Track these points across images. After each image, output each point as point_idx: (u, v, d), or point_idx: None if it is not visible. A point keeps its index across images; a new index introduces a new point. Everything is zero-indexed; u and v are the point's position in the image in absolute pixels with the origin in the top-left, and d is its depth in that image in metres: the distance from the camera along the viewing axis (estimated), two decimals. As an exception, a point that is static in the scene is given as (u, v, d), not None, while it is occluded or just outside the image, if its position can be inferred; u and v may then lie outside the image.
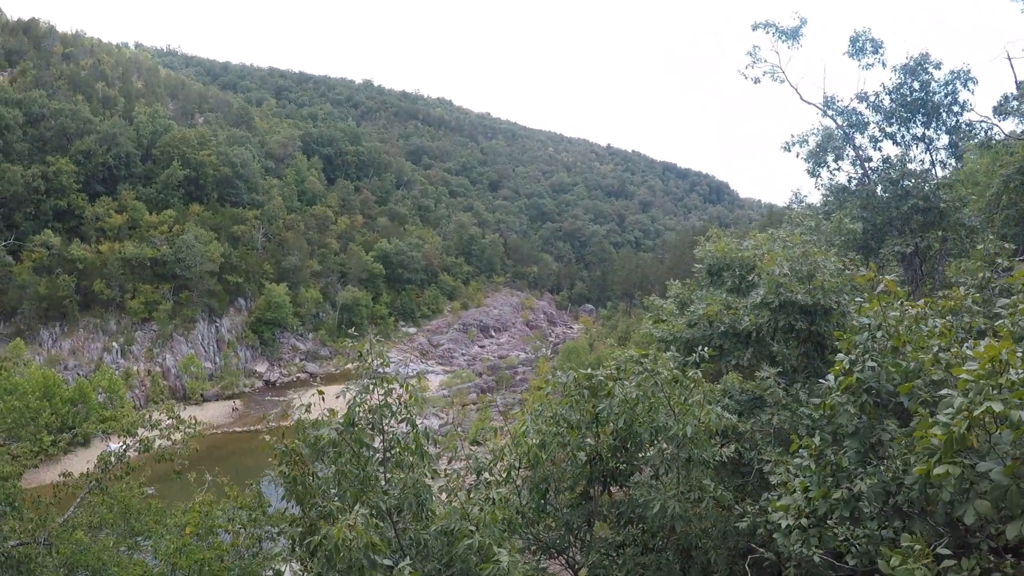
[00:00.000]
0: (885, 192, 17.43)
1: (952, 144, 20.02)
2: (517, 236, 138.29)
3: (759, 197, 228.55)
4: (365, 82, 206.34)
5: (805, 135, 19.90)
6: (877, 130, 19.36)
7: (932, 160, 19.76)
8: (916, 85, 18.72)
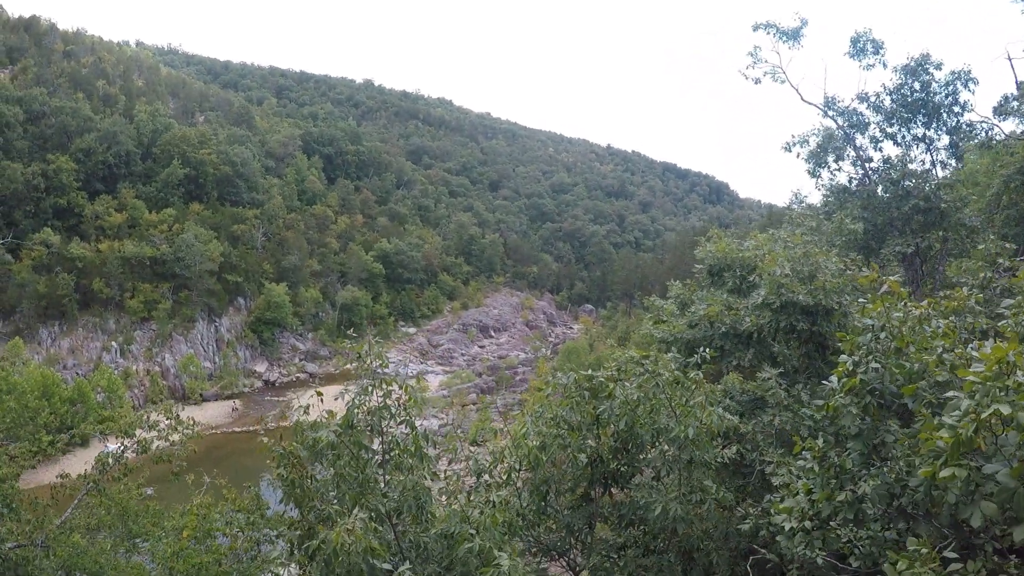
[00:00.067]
0: (886, 192, 17.39)
1: (952, 144, 19.99)
2: (517, 236, 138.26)
3: (759, 197, 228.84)
4: (366, 82, 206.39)
5: (806, 135, 19.87)
6: (878, 130, 19.32)
7: (933, 160, 19.74)
8: (917, 85, 18.68)
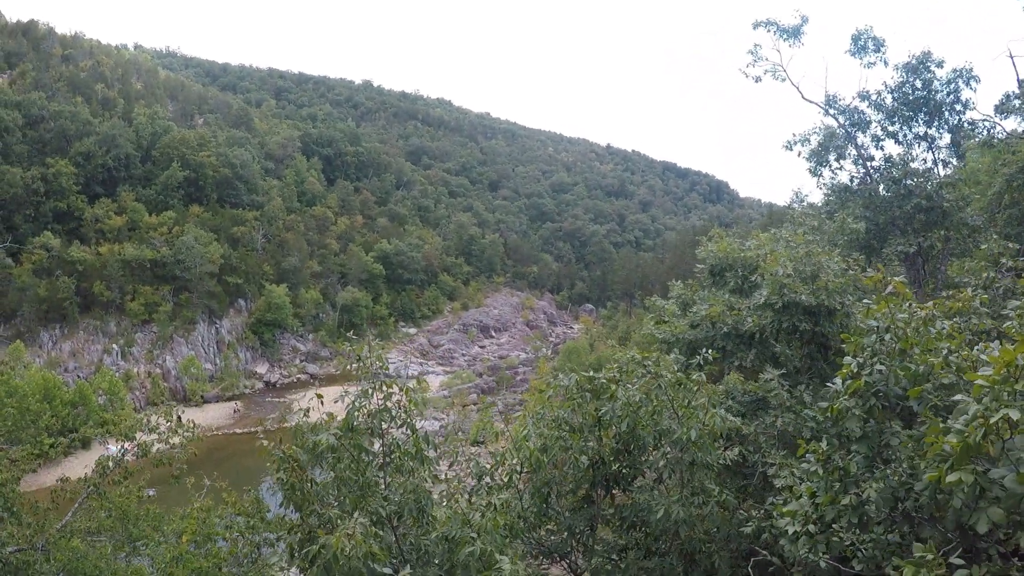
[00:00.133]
0: (888, 191, 17.34)
1: (954, 143, 19.94)
2: (517, 236, 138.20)
3: (759, 196, 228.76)
4: (364, 82, 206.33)
5: (807, 134, 19.83)
6: (879, 129, 19.28)
7: (934, 159, 19.70)
8: (918, 84, 18.64)
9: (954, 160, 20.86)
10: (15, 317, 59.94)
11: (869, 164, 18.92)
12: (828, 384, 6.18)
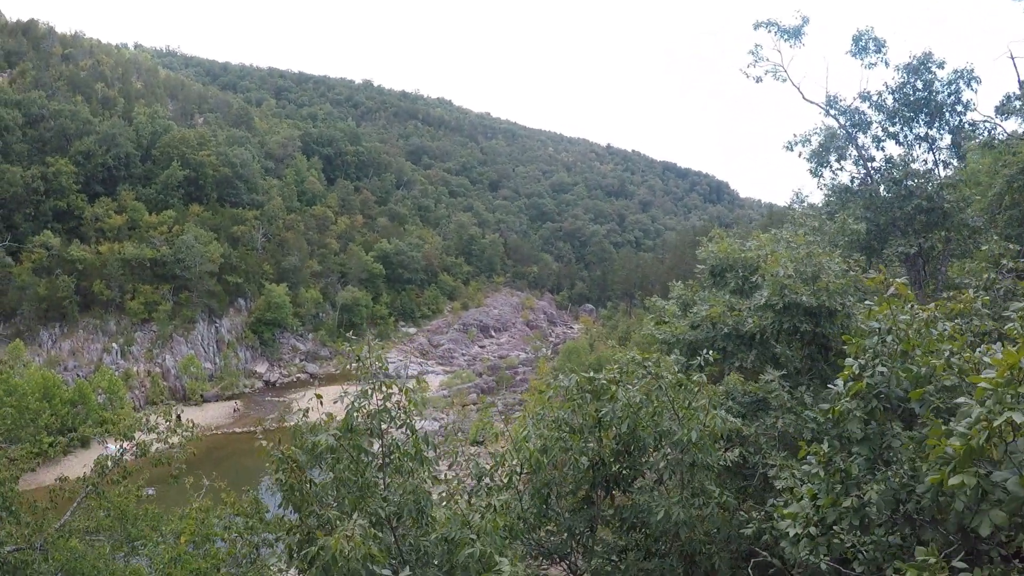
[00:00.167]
0: (888, 192, 17.32)
1: (955, 144, 19.92)
2: (517, 236, 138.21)
3: (759, 197, 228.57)
4: (365, 82, 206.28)
5: (808, 134, 19.81)
6: (880, 130, 19.26)
7: (935, 160, 19.68)
8: (919, 84, 18.62)
9: (955, 161, 20.84)
10: (15, 316, 59.94)
11: (870, 165, 18.90)
12: (829, 385, 6.16)
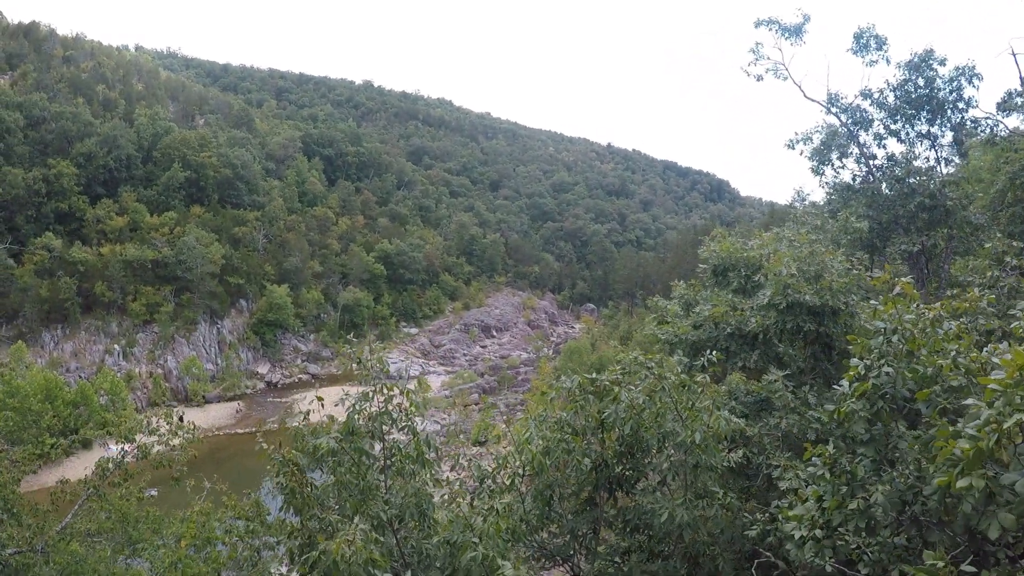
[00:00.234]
0: (890, 190, 17.23)
1: (956, 141, 19.82)
2: (518, 236, 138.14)
3: (760, 195, 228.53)
4: (365, 83, 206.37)
5: (809, 133, 19.70)
6: (881, 127, 19.13)
7: (937, 157, 19.57)
8: (921, 82, 18.50)
9: (956, 158, 20.75)
10: (17, 317, 60.00)
11: (872, 163, 18.81)
12: (833, 386, 6.11)
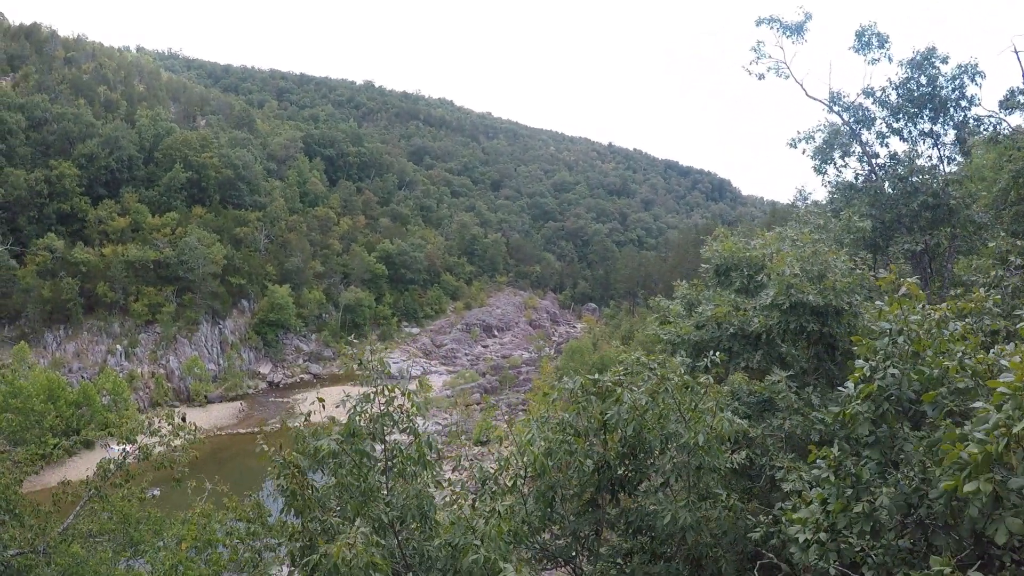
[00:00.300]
0: (893, 189, 17.16)
1: (959, 140, 19.72)
2: (519, 235, 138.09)
3: (761, 194, 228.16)
4: (366, 83, 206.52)
5: (811, 131, 19.62)
6: (884, 126, 19.06)
7: (940, 156, 19.48)
8: (923, 80, 18.41)
9: (959, 157, 20.65)
10: (19, 318, 60.12)
11: (874, 161, 18.74)
12: (837, 387, 6.06)
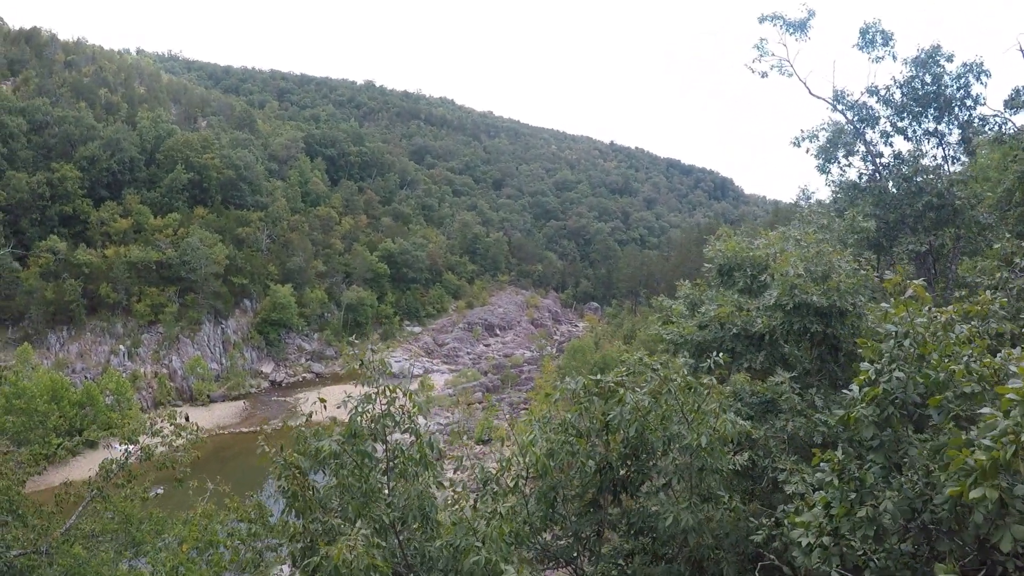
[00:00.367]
0: (897, 189, 17.06)
1: (964, 139, 19.60)
2: (521, 234, 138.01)
3: (764, 193, 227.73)
4: (367, 83, 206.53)
5: (815, 130, 19.50)
6: (888, 125, 18.93)
7: (944, 155, 19.35)
8: (928, 78, 18.28)
9: (963, 156, 20.52)
10: (23, 320, 60.29)
11: (878, 161, 18.62)
12: (840, 388, 6.02)
